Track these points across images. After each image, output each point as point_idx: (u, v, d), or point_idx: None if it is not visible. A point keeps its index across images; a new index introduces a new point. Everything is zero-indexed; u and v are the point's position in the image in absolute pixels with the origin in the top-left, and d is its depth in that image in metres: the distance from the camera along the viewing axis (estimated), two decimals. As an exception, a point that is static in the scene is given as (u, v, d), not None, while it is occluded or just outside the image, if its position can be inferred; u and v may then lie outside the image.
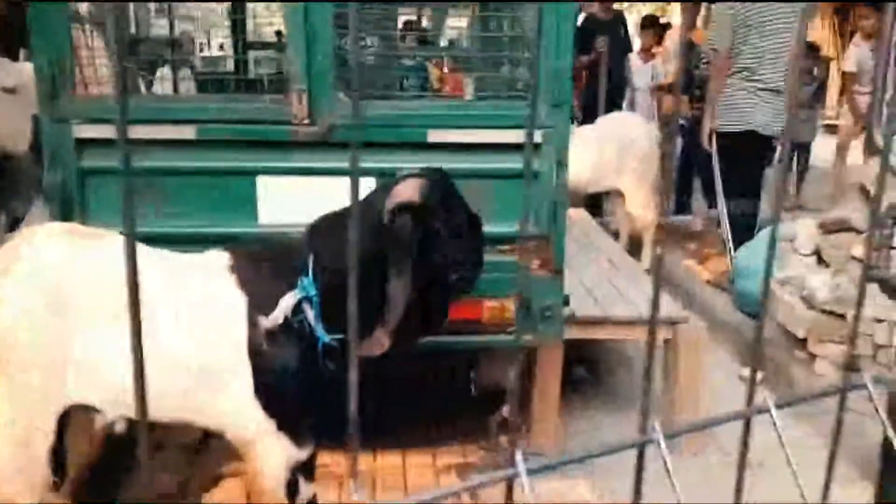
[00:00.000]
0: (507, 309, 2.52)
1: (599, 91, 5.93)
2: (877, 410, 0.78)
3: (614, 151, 4.76)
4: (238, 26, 3.97)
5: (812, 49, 6.45)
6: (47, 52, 2.23)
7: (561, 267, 2.47)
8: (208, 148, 2.38)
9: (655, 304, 0.75)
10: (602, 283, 3.37)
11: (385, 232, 1.93)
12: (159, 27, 5.17)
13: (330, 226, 2.02)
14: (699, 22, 6.26)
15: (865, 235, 3.41)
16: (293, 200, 2.43)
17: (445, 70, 4.32)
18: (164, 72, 5.54)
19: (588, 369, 3.59)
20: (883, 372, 3.13)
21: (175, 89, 3.52)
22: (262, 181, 2.42)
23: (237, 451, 2.16)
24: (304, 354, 1.92)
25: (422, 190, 1.94)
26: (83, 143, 2.30)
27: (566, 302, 2.57)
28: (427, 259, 1.95)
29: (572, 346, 2.97)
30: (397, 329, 1.99)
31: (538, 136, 2.49)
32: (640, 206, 4.89)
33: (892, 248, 3.24)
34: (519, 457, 0.67)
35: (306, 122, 2.40)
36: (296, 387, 1.94)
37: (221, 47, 6.49)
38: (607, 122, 5.04)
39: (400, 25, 5.45)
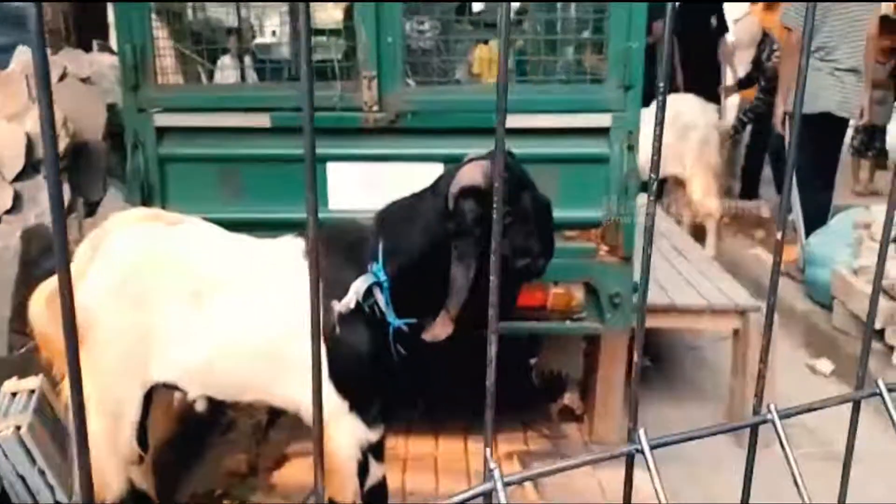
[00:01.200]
0: (573, 296, 2.49)
1: (658, 73, 5.74)
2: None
3: (672, 136, 4.61)
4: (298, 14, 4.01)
5: (892, 26, 6.09)
6: (130, 42, 2.30)
7: (631, 253, 2.43)
8: (280, 135, 2.43)
9: (774, 289, 0.73)
10: (667, 271, 3.30)
11: (450, 217, 1.92)
12: (215, 14, 5.26)
13: (398, 212, 2.02)
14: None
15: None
16: (362, 186, 2.46)
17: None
18: (225, 60, 5.65)
19: (651, 358, 3.53)
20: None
21: (243, 77, 3.59)
22: (332, 167, 2.46)
23: (308, 432, 2.21)
24: (375, 338, 1.95)
25: (486, 173, 1.89)
26: (163, 132, 2.38)
27: (635, 289, 2.53)
28: (486, 249, 1.92)
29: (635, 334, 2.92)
30: (465, 315, 1.99)
31: (608, 120, 2.44)
32: (702, 192, 4.75)
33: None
34: (642, 433, 0.66)
35: (375, 108, 2.41)
36: (367, 370, 1.97)
37: (274, 34, 6.56)
38: None
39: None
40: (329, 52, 4.89)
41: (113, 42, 5.29)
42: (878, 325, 3.37)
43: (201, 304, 1.93)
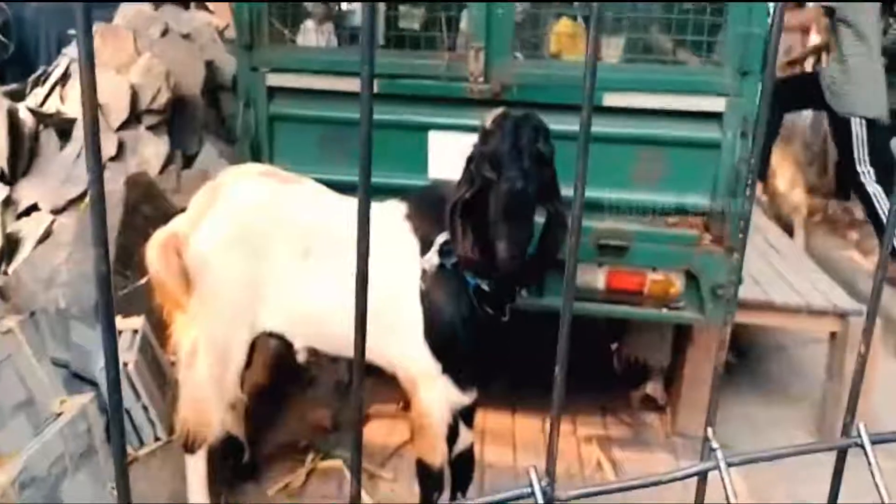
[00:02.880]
0: (672, 283, 2.43)
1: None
2: None
3: None
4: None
5: None
6: (246, 1, 2.33)
7: (736, 244, 2.34)
8: (385, 101, 2.43)
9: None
10: (761, 265, 3.18)
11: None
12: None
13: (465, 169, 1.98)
14: None
15: None
16: (462, 157, 2.45)
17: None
18: (308, 25, 5.72)
19: (736, 355, 3.42)
20: None
21: (339, 43, 3.61)
22: (433, 136, 2.45)
23: (390, 393, 2.24)
24: (461, 298, 1.96)
25: (496, 119, 1.86)
26: (274, 91, 2.42)
27: (740, 281, 2.44)
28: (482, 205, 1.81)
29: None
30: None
31: (722, 105, 2.34)
32: (787, 185, 4.56)
33: None
34: (862, 427, 0.63)
35: (481, 79, 2.39)
36: (459, 330, 1.98)
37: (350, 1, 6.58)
38: None
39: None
40: (412, 22, 4.87)
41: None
42: None
43: (311, 260, 1.98)
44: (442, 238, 1.94)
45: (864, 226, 5.07)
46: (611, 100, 2.39)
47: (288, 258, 1.97)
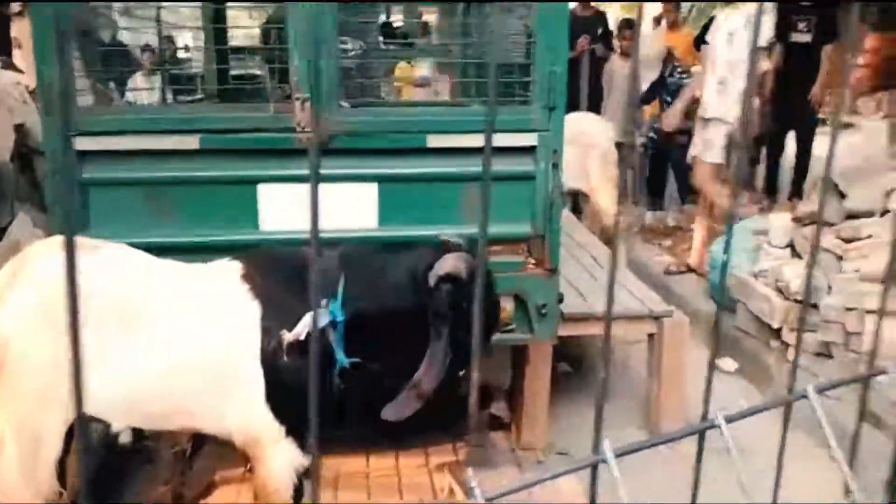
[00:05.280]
0: (504, 308, 2.59)
1: (581, 90, 6.01)
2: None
3: (576, 153, 4.81)
4: (218, 33, 3.92)
5: None
6: (50, 62, 2.21)
7: (556, 266, 2.57)
8: (210, 157, 2.40)
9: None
10: (586, 280, 3.48)
11: (427, 295, 1.99)
12: (129, 31, 5.08)
13: (366, 261, 2.07)
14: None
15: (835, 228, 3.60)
16: (293, 207, 2.47)
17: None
18: (137, 79, 5.43)
19: (571, 365, 3.69)
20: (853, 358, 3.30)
21: (164, 99, 3.48)
22: (263, 189, 2.45)
23: (241, 456, 2.18)
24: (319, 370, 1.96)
25: (468, 266, 2.00)
26: (84, 155, 2.30)
27: (560, 300, 2.67)
28: (455, 333, 2.01)
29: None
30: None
31: (533, 139, 2.57)
32: (608, 203, 5.02)
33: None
34: (606, 444, 0.73)
35: (308, 129, 2.43)
36: (306, 398, 1.97)
37: (186, 49, 6.39)
38: (568, 124, 5.08)
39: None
40: (248, 70, 4.82)
41: (17, 59, 5.00)
42: (775, 325, 3.68)
43: (126, 331, 1.88)
44: (319, 318, 1.91)
45: (676, 232, 5.71)
46: (434, 141, 2.53)
47: (99, 332, 1.84)
